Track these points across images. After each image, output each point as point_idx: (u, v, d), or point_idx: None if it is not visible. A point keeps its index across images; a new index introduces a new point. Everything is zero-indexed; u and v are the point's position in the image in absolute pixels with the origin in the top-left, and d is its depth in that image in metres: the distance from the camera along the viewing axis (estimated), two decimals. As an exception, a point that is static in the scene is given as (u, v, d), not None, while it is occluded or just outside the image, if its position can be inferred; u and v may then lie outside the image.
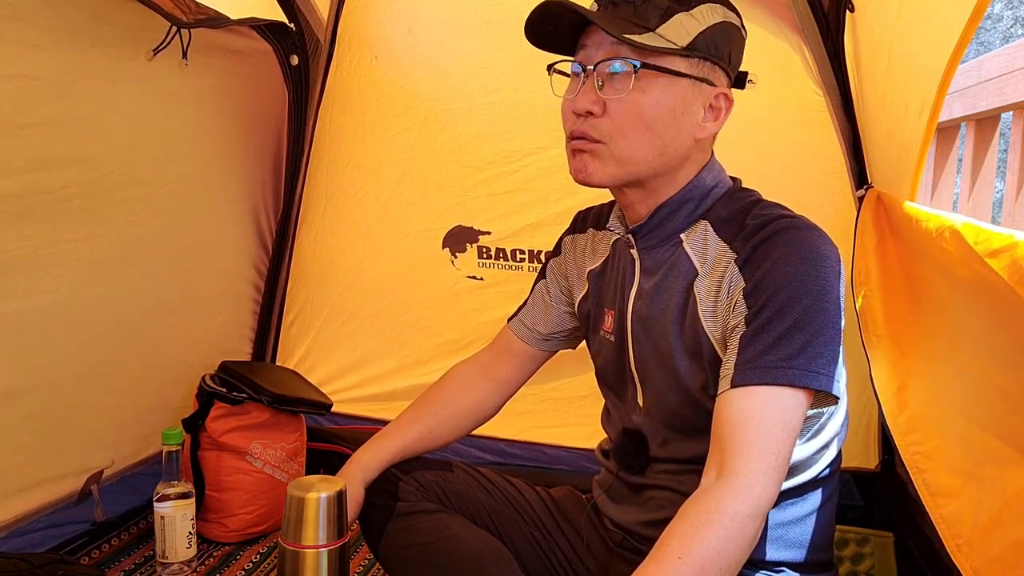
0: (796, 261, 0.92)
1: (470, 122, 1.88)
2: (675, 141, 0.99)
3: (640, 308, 1.07)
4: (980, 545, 0.94)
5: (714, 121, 1.01)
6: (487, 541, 1.13)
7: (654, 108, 0.96)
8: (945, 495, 1.08)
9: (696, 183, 1.03)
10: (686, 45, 0.95)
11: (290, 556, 1.05)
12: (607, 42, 0.96)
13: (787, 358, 0.90)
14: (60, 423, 1.47)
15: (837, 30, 1.51)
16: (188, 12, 1.33)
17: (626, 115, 0.97)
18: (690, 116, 0.99)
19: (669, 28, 0.95)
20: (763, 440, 0.87)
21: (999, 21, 3.96)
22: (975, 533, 0.96)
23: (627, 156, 0.98)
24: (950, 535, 1.01)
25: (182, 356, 1.78)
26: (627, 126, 0.97)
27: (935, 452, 1.14)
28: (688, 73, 0.97)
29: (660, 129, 0.97)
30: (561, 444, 1.92)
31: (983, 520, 0.94)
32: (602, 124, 0.98)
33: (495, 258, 1.92)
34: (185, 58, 1.44)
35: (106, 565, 1.57)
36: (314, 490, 1.05)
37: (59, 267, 1.38)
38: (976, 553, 0.94)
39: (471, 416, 1.28)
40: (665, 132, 0.98)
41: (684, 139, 1.00)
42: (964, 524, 0.99)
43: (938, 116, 1.11)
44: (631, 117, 0.96)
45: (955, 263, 0.96)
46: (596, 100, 0.97)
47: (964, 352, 1.06)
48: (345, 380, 2.06)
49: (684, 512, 0.87)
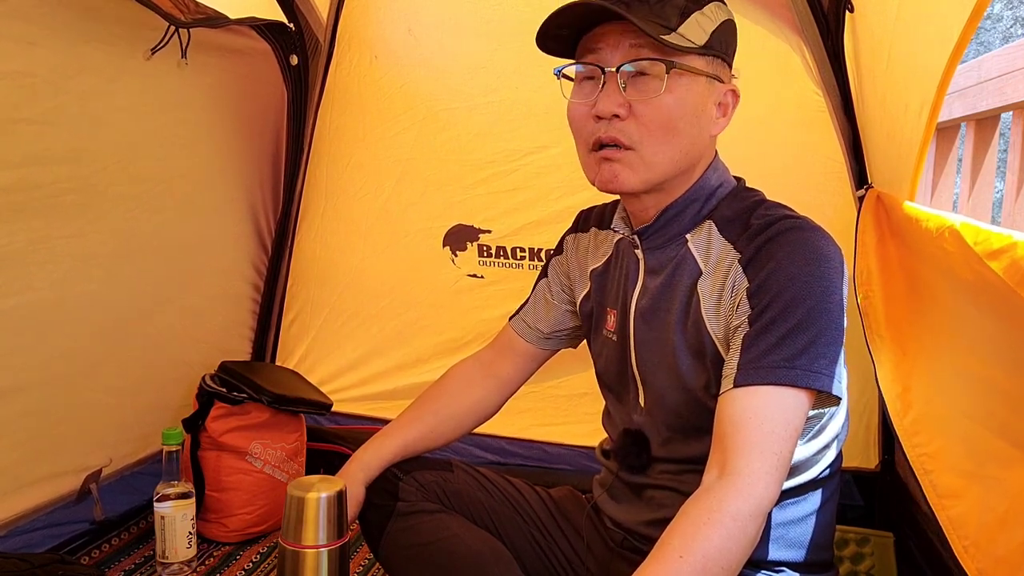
0: (800, 262, 0.92)
1: (470, 121, 1.88)
2: (697, 140, 0.99)
3: (643, 307, 1.07)
4: (986, 546, 0.94)
5: (724, 117, 1.02)
6: (487, 541, 1.13)
7: (679, 108, 0.96)
8: (951, 496, 1.07)
9: (702, 183, 1.03)
10: (704, 44, 0.96)
11: (290, 556, 1.05)
12: (625, 43, 0.95)
13: (790, 358, 0.90)
14: (56, 421, 1.47)
15: (837, 30, 1.51)
16: (187, 11, 1.33)
17: (654, 117, 0.96)
18: (707, 114, 1.00)
19: (688, 27, 0.95)
20: (765, 440, 0.88)
21: (999, 21, 3.96)
22: (981, 534, 0.96)
23: (657, 159, 0.98)
24: (957, 536, 1.01)
25: (181, 355, 1.77)
26: (656, 128, 0.96)
27: (940, 453, 1.14)
28: (705, 71, 0.97)
29: (684, 129, 0.97)
30: (561, 442, 1.92)
31: (988, 521, 0.94)
32: (629, 127, 0.97)
33: (495, 256, 1.92)
34: (184, 57, 1.44)
35: (106, 565, 1.57)
36: (314, 490, 1.05)
37: (52, 263, 1.37)
38: (982, 554, 0.94)
39: (472, 414, 1.28)
40: (689, 131, 0.98)
41: (704, 138, 1.00)
42: (970, 525, 0.99)
43: (938, 116, 1.11)
44: (659, 119, 0.96)
45: (956, 263, 0.95)
46: (622, 102, 0.96)
47: (966, 353, 1.06)
48: (345, 379, 2.06)
49: (686, 511, 0.87)
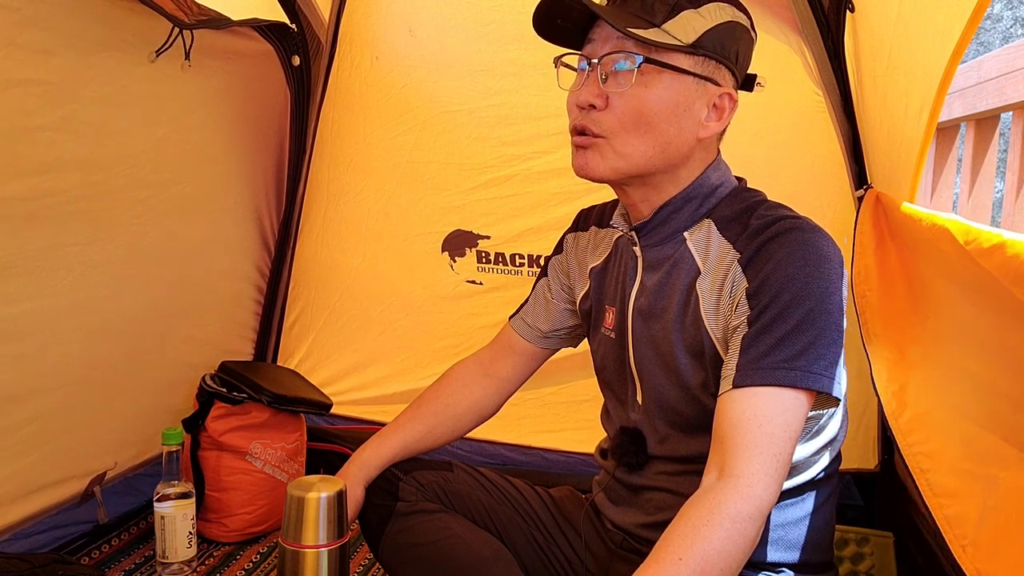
0: (800, 262, 0.92)
1: (470, 124, 1.88)
2: (676, 139, 0.99)
3: (641, 305, 1.07)
4: (987, 546, 0.94)
5: (717, 121, 1.01)
6: (487, 541, 1.13)
7: (656, 104, 0.96)
8: (948, 495, 1.07)
9: (700, 182, 1.03)
10: (691, 43, 0.95)
11: (290, 556, 1.06)
12: (613, 36, 0.97)
13: (790, 359, 0.90)
14: (65, 426, 1.47)
15: (837, 30, 1.51)
16: (190, 13, 1.34)
17: (627, 109, 0.97)
18: (692, 114, 0.99)
19: (675, 25, 0.95)
20: (765, 441, 0.87)
21: (999, 21, 3.96)
22: (981, 534, 0.95)
23: (627, 151, 0.98)
24: (954, 536, 1.01)
25: (185, 358, 1.78)
26: (628, 120, 0.97)
27: (937, 452, 1.14)
28: (692, 71, 0.97)
29: (661, 125, 0.97)
30: (560, 448, 1.92)
31: (990, 521, 0.94)
32: (603, 118, 0.98)
33: (494, 263, 1.92)
34: (188, 59, 1.44)
35: (106, 565, 1.57)
36: (314, 490, 1.06)
37: (64, 270, 1.38)
38: (982, 554, 0.94)
39: (471, 414, 1.28)
40: (666, 129, 0.98)
41: (686, 137, 1.00)
42: (968, 524, 0.99)
43: (938, 116, 1.11)
44: (632, 112, 0.97)
45: (951, 263, 0.96)
46: (599, 93, 0.98)
47: (963, 352, 1.06)
48: (344, 383, 2.06)
49: (685, 512, 0.87)
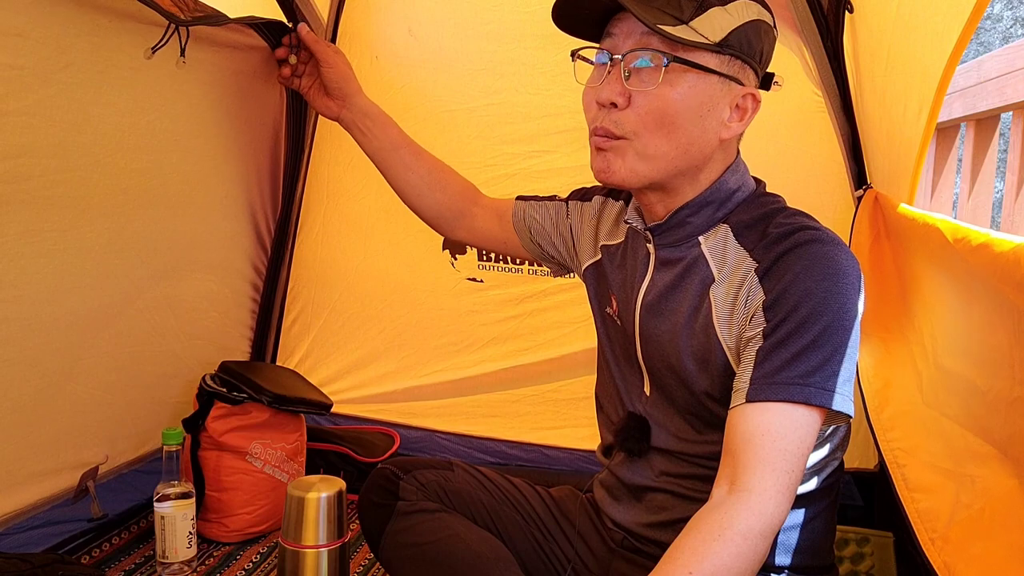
0: (818, 276, 0.90)
1: (470, 123, 1.87)
2: (699, 140, 0.96)
3: (650, 302, 1.06)
4: (957, 541, 0.94)
5: (739, 121, 0.98)
6: (487, 541, 1.13)
7: (680, 104, 0.93)
8: (922, 490, 1.08)
9: (719, 185, 1.01)
10: (719, 41, 0.92)
11: (290, 556, 1.06)
12: (637, 31, 0.93)
13: (804, 375, 0.88)
14: (49, 415, 1.46)
15: (836, 31, 1.51)
16: (186, 10, 1.33)
17: (651, 109, 0.93)
18: (716, 115, 0.96)
19: (703, 22, 0.91)
20: (778, 458, 0.86)
21: (999, 21, 3.97)
22: (951, 529, 0.96)
23: (650, 152, 0.96)
24: (924, 529, 1.02)
25: (175, 351, 1.77)
26: (651, 121, 0.94)
27: (916, 449, 1.15)
28: (718, 70, 0.94)
29: (685, 126, 0.94)
30: (561, 445, 1.92)
31: (962, 518, 0.94)
32: (625, 117, 0.95)
33: (495, 260, 1.92)
34: (183, 56, 1.44)
35: (106, 565, 1.57)
36: (314, 490, 1.06)
37: (45, 257, 1.37)
38: (952, 548, 0.94)
39: (445, 179, 1.40)
40: (690, 130, 0.95)
41: (709, 138, 0.97)
42: (940, 519, 0.99)
43: (937, 116, 1.11)
44: (656, 112, 0.93)
45: (941, 260, 0.96)
46: (622, 91, 0.94)
47: (947, 351, 1.06)
48: (345, 381, 2.06)
49: (695, 526, 0.86)
